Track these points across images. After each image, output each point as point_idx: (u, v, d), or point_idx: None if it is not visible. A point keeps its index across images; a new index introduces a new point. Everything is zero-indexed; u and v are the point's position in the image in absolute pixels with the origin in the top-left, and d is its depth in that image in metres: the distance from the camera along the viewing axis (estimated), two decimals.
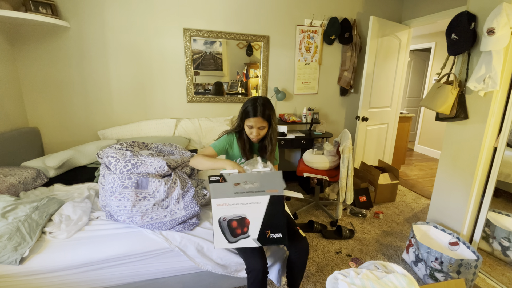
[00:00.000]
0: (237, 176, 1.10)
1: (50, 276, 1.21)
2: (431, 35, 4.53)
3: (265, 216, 1.15)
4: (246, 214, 1.14)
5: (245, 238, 1.16)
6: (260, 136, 1.43)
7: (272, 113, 1.41)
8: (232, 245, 1.16)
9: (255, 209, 1.14)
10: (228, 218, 1.14)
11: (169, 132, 2.68)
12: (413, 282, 1.01)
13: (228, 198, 1.12)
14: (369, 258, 1.95)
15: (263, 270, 1.23)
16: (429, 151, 4.72)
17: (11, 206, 1.36)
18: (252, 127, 1.39)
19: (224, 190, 1.11)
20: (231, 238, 1.15)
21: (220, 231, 1.14)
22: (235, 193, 1.11)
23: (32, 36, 2.27)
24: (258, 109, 1.36)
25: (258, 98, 1.41)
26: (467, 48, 1.69)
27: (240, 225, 1.15)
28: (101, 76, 2.53)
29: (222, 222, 1.14)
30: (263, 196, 1.12)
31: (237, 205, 1.12)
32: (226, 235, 1.15)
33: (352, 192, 2.28)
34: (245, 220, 1.15)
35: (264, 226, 1.15)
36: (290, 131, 3.09)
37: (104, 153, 1.68)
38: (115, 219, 1.41)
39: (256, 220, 1.15)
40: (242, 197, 1.12)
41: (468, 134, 1.78)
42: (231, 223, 1.14)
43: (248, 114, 1.38)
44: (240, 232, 1.16)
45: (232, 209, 1.13)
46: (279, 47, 2.99)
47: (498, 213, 1.87)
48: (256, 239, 1.16)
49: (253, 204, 1.13)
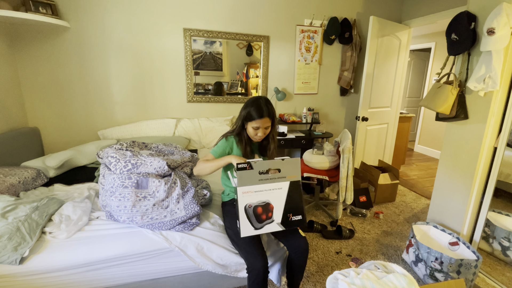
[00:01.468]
0: (263, 163, 1.17)
1: (50, 276, 1.21)
2: (431, 35, 4.53)
3: (287, 201, 1.23)
4: (269, 199, 1.21)
5: (270, 223, 1.22)
6: (265, 135, 1.44)
7: (274, 112, 1.45)
8: (258, 231, 1.21)
9: (278, 194, 1.22)
10: (253, 205, 1.19)
11: (169, 132, 2.68)
12: (413, 282, 1.01)
13: (253, 185, 1.18)
14: (369, 258, 1.95)
15: (263, 269, 1.23)
16: (429, 151, 4.72)
17: (11, 206, 1.36)
18: (258, 128, 1.39)
19: (250, 178, 1.17)
20: (257, 224, 1.20)
21: (246, 219, 1.19)
22: (259, 180, 1.18)
23: (32, 36, 2.27)
24: (263, 109, 1.37)
25: (259, 98, 1.41)
26: (467, 48, 1.69)
27: (265, 211, 1.21)
28: (101, 76, 2.53)
29: (248, 209, 1.18)
30: (284, 182, 1.22)
31: (261, 192, 1.19)
32: (252, 222, 1.19)
33: (352, 192, 2.28)
34: (269, 205, 1.21)
35: (286, 210, 1.24)
36: (290, 131, 3.09)
37: (104, 153, 1.68)
38: (115, 219, 1.41)
39: (279, 204, 1.23)
40: (266, 183, 1.19)
41: (468, 134, 1.78)
42: (256, 209, 1.20)
43: (253, 116, 1.37)
44: (265, 217, 1.21)
45: (257, 196, 1.19)
46: (279, 47, 2.99)
47: (498, 213, 1.87)
48: (280, 223, 1.24)
49: (276, 190, 1.21)
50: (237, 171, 1.14)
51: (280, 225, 1.24)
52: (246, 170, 1.15)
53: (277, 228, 1.23)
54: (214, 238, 1.39)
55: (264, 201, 1.20)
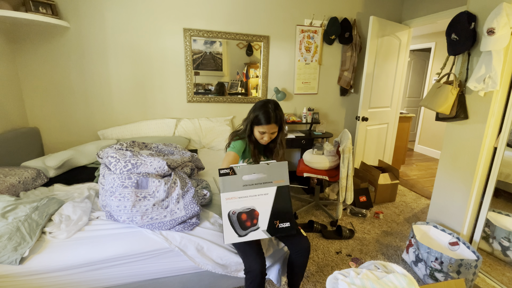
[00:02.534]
0: (245, 168, 1.11)
1: (50, 276, 1.21)
2: (431, 35, 4.53)
3: (273, 207, 1.17)
4: (255, 206, 1.15)
5: (255, 230, 1.16)
6: (270, 140, 1.46)
7: (282, 117, 1.43)
8: (242, 238, 1.15)
9: (264, 200, 1.16)
10: (237, 211, 1.14)
11: (169, 132, 2.68)
12: (413, 282, 1.01)
13: (237, 191, 1.12)
14: (369, 258, 1.95)
15: (261, 271, 1.22)
16: (429, 151, 4.71)
17: (11, 206, 1.36)
18: (264, 132, 1.41)
19: (233, 183, 1.11)
20: (241, 231, 1.15)
21: (229, 225, 1.14)
22: (243, 186, 1.12)
23: (32, 36, 2.27)
24: (271, 115, 1.37)
25: (268, 102, 1.41)
26: (467, 48, 1.69)
27: (250, 217, 1.16)
28: (101, 76, 2.53)
29: (231, 216, 1.13)
30: (270, 188, 1.15)
31: (246, 197, 1.13)
32: (236, 228, 1.14)
33: (352, 192, 2.28)
34: (254, 212, 1.16)
35: (272, 217, 1.17)
36: (290, 131, 3.09)
37: (104, 153, 1.68)
38: (115, 219, 1.41)
39: (265, 211, 1.17)
40: (251, 189, 1.13)
41: (468, 134, 1.78)
42: (240, 216, 1.14)
43: (260, 121, 1.38)
44: (250, 224, 1.16)
45: (241, 202, 1.14)
46: (279, 47, 2.99)
47: (498, 213, 1.87)
48: (266, 230, 1.17)
49: (262, 195, 1.15)
50: (219, 176, 1.10)
51: (266, 232, 1.17)
52: (229, 176, 1.10)
53: (262, 236, 1.17)
54: (214, 238, 1.39)
55: (249, 208, 1.15)
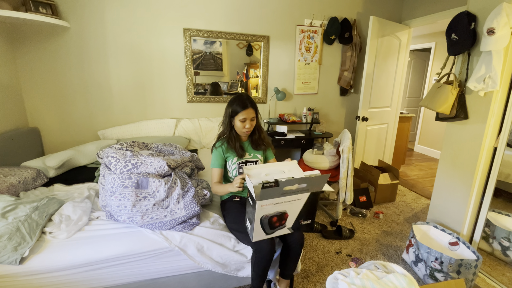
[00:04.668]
0: (290, 181, 1.11)
1: (50, 276, 1.21)
2: (431, 35, 4.53)
3: (302, 209, 1.22)
4: (286, 209, 1.19)
5: (282, 229, 1.23)
6: (252, 127, 1.53)
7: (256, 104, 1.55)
8: (269, 235, 1.22)
9: (296, 204, 1.19)
10: (269, 216, 1.17)
11: (169, 132, 2.68)
12: (413, 282, 1.01)
13: (274, 198, 1.13)
14: (369, 258, 1.95)
15: (270, 250, 1.27)
16: (429, 151, 4.71)
17: (11, 206, 1.36)
18: (245, 119, 1.49)
19: (272, 193, 1.12)
20: (269, 230, 1.20)
21: (260, 227, 1.17)
22: (281, 194, 1.13)
23: (32, 36, 2.27)
24: (246, 101, 1.48)
25: (240, 94, 1.55)
26: (467, 48, 1.69)
27: (279, 220, 1.20)
28: (101, 76, 2.53)
29: (263, 219, 1.16)
30: (305, 194, 1.18)
31: (280, 203, 1.15)
32: (265, 229, 1.18)
33: (352, 192, 2.27)
34: (284, 214, 1.20)
35: (299, 217, 1.23)
36: (290, 131, 3.09)
37: (104, 153, 1.68)
38: (115, 219, 1.41)
39: (294, 213, 1.21)
40: (287, 196, 1.15)
41: (468, 134, 1.78)
42: (272, 219, 1.18)
43: (238, 109, 1.48)
44: (278, 225, 1.21)
45: (274, 207, 1.16)
46: (279, 47, 2.99)
47: (498, 213, 1.87)
48: (291, 227, 1.24)
49: (295, 201, 1.18)
50: (262, 189, 1.07)
51: (290, 229, 1.24)
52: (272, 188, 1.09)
53: (286, 232, 1.24)
54: (214, 237, 1.39)
55: (281, 212, 1.18)
